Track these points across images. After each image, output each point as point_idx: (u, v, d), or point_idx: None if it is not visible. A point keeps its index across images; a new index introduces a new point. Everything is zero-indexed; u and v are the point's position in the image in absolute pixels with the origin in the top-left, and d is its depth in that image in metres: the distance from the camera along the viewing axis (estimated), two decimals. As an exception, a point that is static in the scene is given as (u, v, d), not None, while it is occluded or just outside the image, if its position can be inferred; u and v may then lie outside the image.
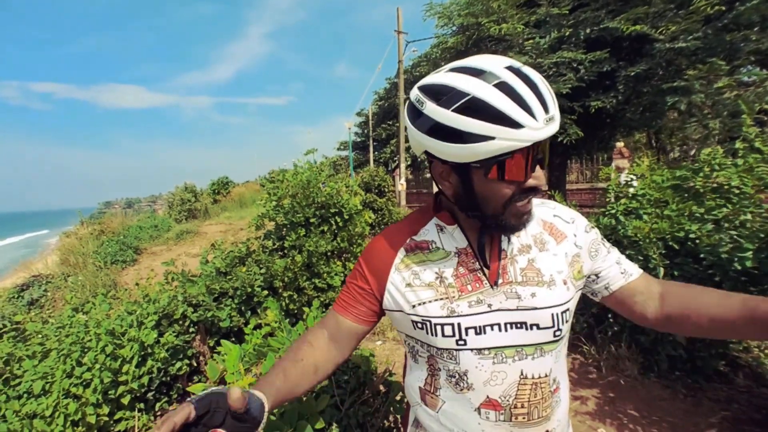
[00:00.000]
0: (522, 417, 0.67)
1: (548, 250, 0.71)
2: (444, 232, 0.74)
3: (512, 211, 0.64)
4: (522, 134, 0.55)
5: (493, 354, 0.67)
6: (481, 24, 5.73)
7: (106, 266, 7.39)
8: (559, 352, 0.71)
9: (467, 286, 0.69)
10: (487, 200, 0.64)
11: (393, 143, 22.31)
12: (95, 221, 11.83)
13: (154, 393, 2.58)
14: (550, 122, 0.57)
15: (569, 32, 5.44)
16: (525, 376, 0.67)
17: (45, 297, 6.07)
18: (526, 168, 0.60)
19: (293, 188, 3.56)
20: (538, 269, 0.69)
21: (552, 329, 0.67)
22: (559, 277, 0.69)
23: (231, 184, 19.62)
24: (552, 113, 0.57)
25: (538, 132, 0.56)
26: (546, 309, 0.67)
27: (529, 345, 0.67)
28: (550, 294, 0.68)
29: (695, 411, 2.23)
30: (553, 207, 0.77)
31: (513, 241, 0.71)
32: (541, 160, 0.62)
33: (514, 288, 0.68)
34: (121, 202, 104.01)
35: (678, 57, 5.01)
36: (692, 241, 2.33)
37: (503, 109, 0.55)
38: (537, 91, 0.57)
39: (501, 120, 0.55)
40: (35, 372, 2.15)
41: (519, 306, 0.67)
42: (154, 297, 2.88)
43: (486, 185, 0.62)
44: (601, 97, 5.47)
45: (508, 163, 0.59)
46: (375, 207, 8.99)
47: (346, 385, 1.44)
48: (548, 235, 0.73)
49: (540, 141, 0.57)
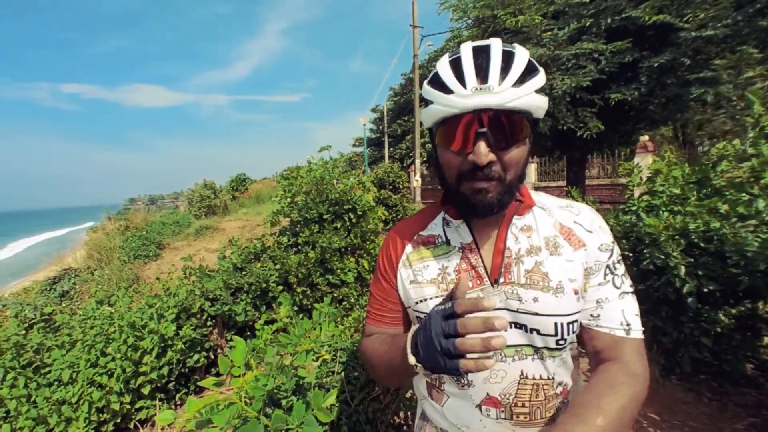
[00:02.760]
0: (524, 416, 0.67)
1: (561, 255, 0.67)
2: (450, 227, 0.75)
3: (466, 186, 0.64)
4: (450, 100, 0.60)
5: (492, 352, 0.66)
6: (497, 16, 5.60)
7: (129, 261, 7.68)
8: (564, 358, 0.69)
9: (468, 282, 0.68)
10: (445, 170, 0.67)
11: (408, 139, 22.20)
12: (120, 217, 12.30)
13: (174, 384, 2.67)
14: (482, 92, 0.57)
15: (590, 22, 5.25)
16: (525, 376, 0.66)
17: (74, 289, 6.36)
18: (463, 139, 0.61)
19: (307, 185, 3.60)
20: (545, 273, 0.66)
21: (554, 338, 0.65)
22: (570, 285, 0.66)
23: (248, 181, 19.99)
24: (490, 84, 0.57)
25: (464, 99, 0.58)
26: (548, 317, 0.65)
27: (527, 346, 0.66)
28: (556, 301, 0.65)
29: (720, 416, 2.14)
30: (576, 213, 0.72)
31: (521, 240, 0.69)
32: (485, 135, 0.59)
33: (515, 289, 0.66)
34: (145, 199, 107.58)
35: (706, 46, 4.77)
36: (718, 240, 2.23)
37: (442, 76, 0.61)
38: (482, 63, 0.59)
39: (439, 86, 0.61)
40: (63, 361, 2.26)
41: (519, 308, 0.66)
42: (173, 291, 2.98)
43: (441, 154, 0.67)
44: (623, 89, 5.26)
45: (443, 128, 0.63)
46: (389, 203, 8.98)
47: (356, 381, 1.45)
48: (564, 240, 0.69)
49: (479, 111, 0.58)
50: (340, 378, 1.44)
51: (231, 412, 0.83)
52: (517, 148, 0.62)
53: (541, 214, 0.72)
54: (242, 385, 0.92)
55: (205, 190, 16.97)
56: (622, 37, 5.12)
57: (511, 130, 0.60)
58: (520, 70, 0.59)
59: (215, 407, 0.91)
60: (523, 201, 0.71)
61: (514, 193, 0.68)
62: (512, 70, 0.59)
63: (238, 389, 0.93)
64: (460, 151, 0.62)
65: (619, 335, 0.66)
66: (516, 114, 0.59)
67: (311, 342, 1.33)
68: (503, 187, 0.64)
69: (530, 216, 0.71)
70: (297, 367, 1.17)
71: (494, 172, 0.62)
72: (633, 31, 5.13)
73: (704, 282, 2.21)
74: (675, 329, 2.44)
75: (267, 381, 0.99)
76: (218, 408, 0.89)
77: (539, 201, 0.74)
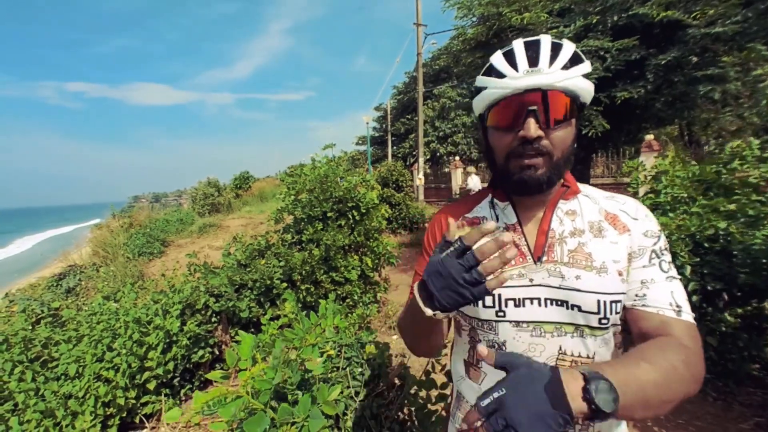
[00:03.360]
0: None
1: (605, 238, 0.69)
2: (496, 209, 0.78)
3: (514, 164, 0.68)
4: (503, 82, 0.66)
5: (532, 327, 0.69)
6: (502, 14, 5.56)
7: (134, 258, 7.73)
8: (606, 339, 0.69)
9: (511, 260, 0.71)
10: (495, 151, 0.72)
11: (412, 138, 22.16)
12: (125, 215, 12.37)
13: (179, 379, 2.69)
14: (533, 73, 0.63)
15: (596, 20, 5.21)
16: (564, 352, 0.68)
17: (79, 286, 6.42)
18: (514, 117, 0.66)
19: (311, 182, 3.61)
20: (589, 254, 0.68)
21: (596, 315, 0.66)
22: (613, 266, 0.67)
23: (252, 179, 20.03)
24: (540, 67, 0.63)
25: (517, 81, 0.64)
26: (590, 293, 0.66)
27: (568, 324, 0.68)
28: (599, 280, 0.66)
29: (725, 416, 2.13)
30: (622, 202, 0.74)
31: (565, 222, 0.72)
32: (534, 112, 0.64)
33: (558, 267, 0.69)
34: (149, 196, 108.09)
35: (714, 43, 4.71)
36: (724, 239, 2.22)
37: (495, 64, 0.68)
38: (533, 50, 0.65)
39: (492, 73, 0.69)
40: (70, 356, 2.28)
41: (561, 285, 0.68)
42: (178, 287, 3.00)
43: (491, 135, 0.72)
44: (629, 87, 5.21)
45: (495, 109, 0.69)
46: (393, 202, 8.98)
47: (361, 377, 1.46)
48: (608, 224, 0.71)
49: (529, 91, 0.64)
50: (345, 373, 1.45)
51: (237, 405, 0.84)
52: (564, 129, 0.67)
53: (586, 201, 0.74)
54: (248, 378, 0.92)
55: (209, 188, 17.03)
56: (629, 34, 5.07)
57: (558, 110, 0.65)
58: (567, 57, 0.65)
59: (222, 400, 0.92)
60: (569, 187, 0.74)
61: (561, 173, 0.71)
62: (560, 55, 0.65)
63: (244, 383, 0.93)
64: (510, 129, 0.67)
65: (668, 315, 0.64)
66: (564, 95, 0.65)
67: (316, 337, 1.34)
68: (551, 165, 0.68)
69: (575, 202, 0.74)
70: (303, 360, 1.18)
71: (543, 147, 0.66)
72: (640, 28, 5.08)
73: (709, 281, 2.20)
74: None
75: (273, 375, 1.00)
76: (225, 401, 0.90)
77: (585, 190, 0.77)
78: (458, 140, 20.59)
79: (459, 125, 20.62)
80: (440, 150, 20.85)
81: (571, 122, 0.67)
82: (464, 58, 6.66)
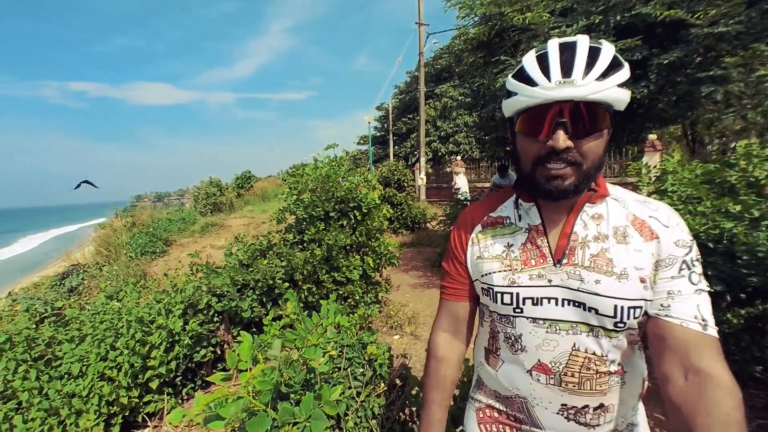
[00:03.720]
0: (572, 385, 0.70)
1: (629, 244, 0.69)
2: (520, 209, 0.80)
3: (541, 172, 0.68)
4: (535, 91, 0.64)
5: (548, 324, 0.71)
6: (504, 13, 5.54)
7: (137, 257, 7.75)
8: (621, 340, 0.70)
9: (531, 260, 0.74)
10: (521, 156, 0.72)
11: (413, 137, 22.15)
12: (127, 214, 12.42)
13: (181, 379, 2.70)
14: (565, 85, 0.62)
15: (599, 20, 5.19)
16: (577, 349, 0.70)
17: (82, 285, 6.45)
18: (542, 125, 0.66)
19: (313, 182, 3.61)
20: (610, 259, 0.68)
21: (613, 319, 0.67)
22: (635, 273, 0.67)
23: (253, 179, 20.06)
24: (573, 78, 0.61)
25: (549, 92, 0.63)
26: (609, 298, 0.67)
27: (584, 323, 0.69)
28: (619, 286, 0.67)
29: (727, 417, 2.12)
30: (654, 208, 0.72)
31: (590, 227, 0.72)
32: (564, 125, 0.64)
33: (578, 270, 0.70)
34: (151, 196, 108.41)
35: (717, 43, 4.69)
36: (728, 240, 2.20)
37: (528, 70, 0.66)
38: (568, 58, 0.63)
39: (524, 79, 0.67)
40: (73, 355, 2.29)
41: (581, 288, 0.69)
42: (180, 287, 3.01)
43: (519, 141, 0.72)
44: (631, 88, 5.21)
45: (524, 116, 0.68)
46: (394, 202, 8.98)
47: (362, 377, 1.46)
48: (634, 230, 0.70)
49: (560, 102, 0.63)
50: (347, 374, 1.45)
51: (238, 406, 0.85)
52: (596, 139, 0.66)
53: (615, 205, 0.74)
54: (249, 379, 0.93)
55: (211, 187, 17.07)
56: (632, 34, 5.05)
57: (590, 121, 0.64)
58: (604, 65, 0.63)
59: (223, 401, 0.92)
60: (597, 191, 0.74)
61: (590, 182, 0.70)
62: (597, 65, 0.63)
63: (246, 383, 0.94)
64: (539, 139, 0.67)
65: (693, 329, 0.63)
66: (597, 105, 0.63)
67: (318, 337, 1.34)
68: (580, 174, 0.68)
69: (603, 205, 0.73)
70: (306, 360, 1.18)
71: (571, 157, 0.66)
72: (642, 28, 5.06)
73: (713, 282, 2.19)
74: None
75: (274, 375, 1.00)
76: (226, 402, 0.90)
77: (614, 193, 0.76)
78: (460, 140, 20.55)
79: (461, 125, 20.58)
80: (442, 150, 20.82)
81: (603, 132, 0.67)
82: (466, 58, 6.65)
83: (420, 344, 3.38)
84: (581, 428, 0.72)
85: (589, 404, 0.71)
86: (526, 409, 0.77)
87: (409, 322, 3.82)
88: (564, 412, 0.72)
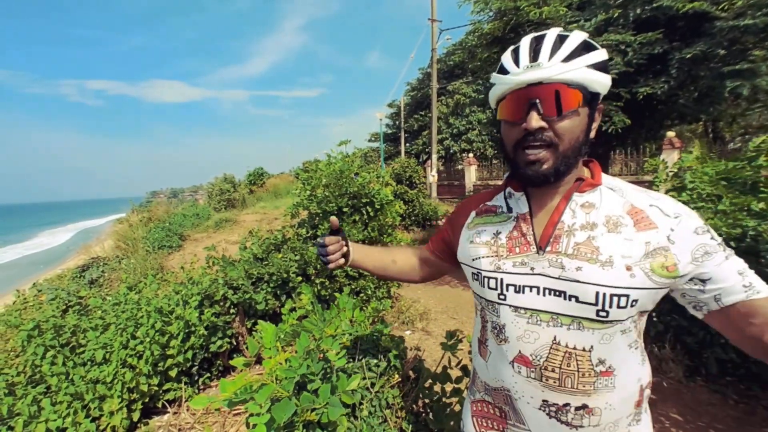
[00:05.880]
0: (553, 381, 0.69)
1: (620, 233, 0.67)
2: (511, 198, 0.82)
3: (520, 157, 0.72)
4: (506, 78, 0.70)
5: (529, 314, 0.71)
6: (520, 8, 5.46)
7: (154, 251, 7.95)
8: (609, 336, 0.67)
9: (516, 248, 0.75)
10: (504, 141, 0.76)
11: (425, 135, 22.05)
12: (144, 209, 12.73)
13: (198, 368, 2.78)
14: (531, 68, 0.67)
15: (617, 13, 5.07)
16: (557, 342, 0.69)
17: (103, 277, 6.65)
18: (518, 110, 0.69)
19: (327, 178, 3.64)
20: (596, 247, 0.67)
21: (594, 307, 0.65)
22: (621, 261, 0.65)
23: (266, 175, 20.30)
24: (540, 61, 0.66)
25: (517, 76, 0.68)
26: (590, 285, 0.65)
27: (565, 315, 0.68)
28: (602, 273, 0.65)
29: (747, 419, 2.07)
30: (656, 198, 0.71)
31: (578, 215, 0.71)
32: (535, 105, 0.67)
33: (560, 258, 0.69)
34: (167, 192, 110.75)
35: (743, 36, 4.53)
36: (752, 238, 2.15)
37: (503, 61, 0.73)
38: (536, 45, 0.68)
39: (500, 70, 0.73)
40: (97, 342, 2.38)
41: (561, 276, 0.69)
42: (197, 279, 3.08)
43: (502, 128, 0.76)
44: (651, 83, 5.07)
45: (503, 103, 0.73)
46: (406, 198, 8.98)
47: (377, 368, 1.48)
48: (629, 219, 0.68)
49: (531, 85, 0.67)
50: (361, 365, 1.47)
51: (268, 391, 0.87)
52: (570, 119, 0.68)
53: (609, 194, 0.73)
54: (274, 366, 0.96)
55: (225, 183, 17.34)
56: (652, 27, 4.92)
57: (560, 100, 0.66)
58: (570, 49, 0.66)
59: (248, 388, 0.95)
60: (586, 179, 0.74)
61: (571, 164, 0.71)
62: (562, 48, 0.66)
63: (270, 370, 0.97)
64: (515, 122, 0.71)
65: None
66: (567, 86, 0.66)
67: (336, 328, 1.37)
68: (557, 156, 0.69)
69: (595, 194, 0.73)
70: (324, 351, 1.21)
71: (546, 137, 0.68)
72: (664, 21, 4.93)
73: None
74: (701, 329, 2.37)
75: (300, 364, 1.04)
76: (251, 389, 0.93)
77: (611, 183, 0.75)
78: (473, 137, 20.34)
79: (474, 122, 20.37)
80: (454, 147, 20.66)
81: (579, 112, 0.68)
82: (480, 53, 6.57)
83: (432, 340, 3.39)
84: (563, 427, 0.70)
85: (570, 403, 0.69)
86: (511, 402, 0.76)
87: (420, 317, 3.84)
88: (545, 408, 0.71)
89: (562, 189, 0.74)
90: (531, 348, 0.71)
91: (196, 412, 2.41)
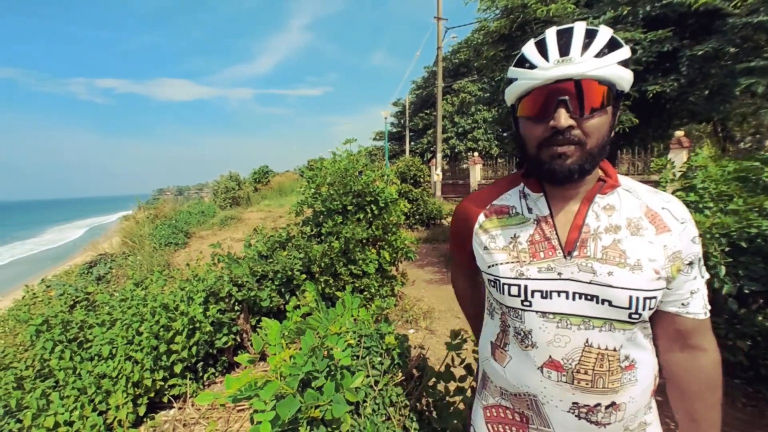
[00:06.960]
0: (585, 383, 0.69)
1: (642, 236, 0.68)
2: (528, 199, 0.78)
3: (546, 153, 0.68)
4: (534, 73, 0.66)
5: (558, 319, 0.70)
6: (527, 5, 5.41)
7: (160, 248, 8.02)
8: (634, 333, 0.69)
9: (540, 252, 0.72)
10: (526, 141, 0.71)
11: (430, 133, 21.97)
12: (150, 207, 12.85)
13: (203, 364, 2.80)
14: (563, 63, 0.63)
15: (627, 10, 5.00)
16: (590, 345, 0.68)
17: (110, 273, 6.72)
18: (544, 106, 0.65)
19: (331, 176, 3.64)
20: (623, 251, 0.67)
21: (627, 311, 0.66)
22: (649, 264, 0.66)
23: (271, 173, 20.39)
24: (571, 56, 0.62)
25: (548, 71, 0.64)
26: (623, 290, 0.66)
27: (597, 318, 0.68)
28: (632, 277, 0.66)
29: (756, 422, 2.04)
30: (667, 200, 0.72)
31: (602, 218, 0.70)
32: (565, 102, 0.64)
33: (590, 263, 0.68)
34: (173, 189, 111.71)
35: (755, 33, 4.45)
36: (763, 239, 2.11)
37: (526, 54, 0.68)
38: (565, 38, 0.64)
39: (523, 64, 0.68)
40: (103, 338, 2.41)
41: (593, 280, 0.68)
42: (202, 276, 3.10)
43: (522, 125, 0.72)
44: (661, 81, 5.00)
45: (526, 99, 0.69)
46: (410, 197, 8.97)
47: (381, 366, 1.48)
48: (648, 222, 0.69)
49: (560, 81, 0.63)
50: (365, 362, 1.47)
51: (274, 388, 0.87)
52: (599, 117, 0.65)
53: (627, 196, 0.73)
54: (279, 362, 0.96)
55: (230, 181, 17.44)
56: (662, 25, 4.85)
57: (591, 98, 0.63)
58: (602, 44, 0.63)
59: (253, 384, 0.95)
60: (607, 181, 0.73)
61: (595, 162, 0.69)
62: (594, 43, 0.63)
63: (275, 367, 0.97)
64: (541, 119, 0.67)
65: (700, 318, 0.72)
66: (598, 83, 0.63)
67: (340, 326, 1.37)
68: (584, 154, 0.67)
69: (614, 196, 0.72)
70: (329, 348, 1.21)
71: (574, 136, 0.65)
72: (674, 18, 4.85)
73: (745, 283, 2.10)
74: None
75: (305, 362, 1.03)
76: (256, 385, 0.93)
77: (626, 184, 0.75)
78: (478, 136, 20.23)
79: (479, 120, 20.25)
80: (459, 146, 20.56)
81: (607, 110, 0.66)
82: (486, 51, 6.52)
83: (435, 339, 3.38)
84: (592, 427, 0.70)
85: (601, 402, 0.69)
86: (536, 407, 0.74)
87: (424, 316, 3.83)
88: (575, 410, 0.70)
89: (583, 190, 0.72)
90: (562, 352, 0.69)
91: (201, 408, 2.43)
